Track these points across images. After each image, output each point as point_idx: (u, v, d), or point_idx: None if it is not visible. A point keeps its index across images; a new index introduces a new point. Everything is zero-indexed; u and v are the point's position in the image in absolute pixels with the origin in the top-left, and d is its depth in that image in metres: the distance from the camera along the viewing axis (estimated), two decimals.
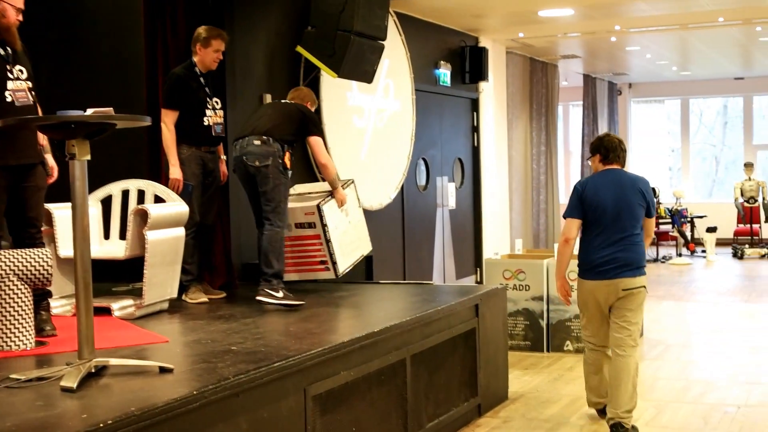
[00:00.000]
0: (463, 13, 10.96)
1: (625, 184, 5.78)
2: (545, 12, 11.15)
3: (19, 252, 4.74)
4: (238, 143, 6.30)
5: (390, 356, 5.06)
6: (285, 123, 6.33)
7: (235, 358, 4.31)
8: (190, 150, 6.36)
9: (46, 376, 3.93)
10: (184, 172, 6.28)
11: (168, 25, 6.90)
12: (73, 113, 3.94)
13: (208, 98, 6.43)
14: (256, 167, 6.20)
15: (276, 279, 6.16)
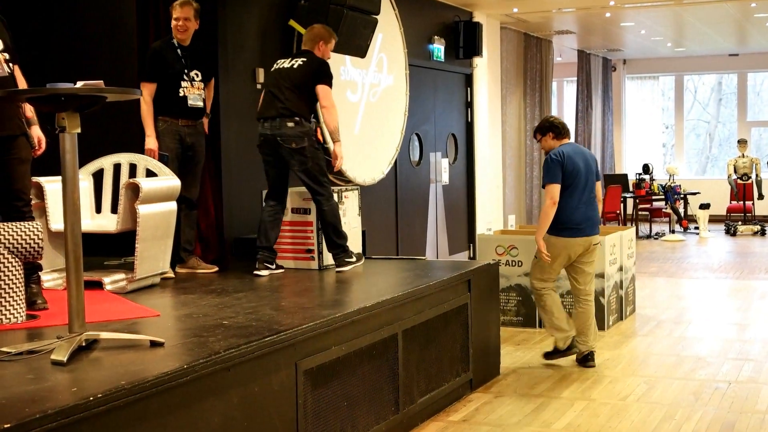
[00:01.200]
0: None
1: (586, 154, 6.82)
2: None
3: (9, 225, 4.72)
4: (267, 123, 6.33)
5: (382, 331, 5.05)
6: (306, 97, 6.39)
7: (226, 333, 4.31)
8: (167, 123, 6.40)
9: (36, 350, 3.93)
10: (160, 145, 6.33)
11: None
12: (63, 86, 3.90)
13: (185, 70, 6.42)
14: (293, 149, 6.30)
15: (347, 248, 6.49)
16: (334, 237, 6.44)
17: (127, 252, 6.48)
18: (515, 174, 14.45)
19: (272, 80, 6.48)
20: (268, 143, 6.37)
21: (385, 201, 10.11)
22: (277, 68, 6.52)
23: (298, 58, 6.51)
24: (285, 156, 6.35)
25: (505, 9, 12.60)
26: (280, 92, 6.36)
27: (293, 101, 6.34)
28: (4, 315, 4.65)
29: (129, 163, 6.23)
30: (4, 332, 4.50)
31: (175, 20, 6.37)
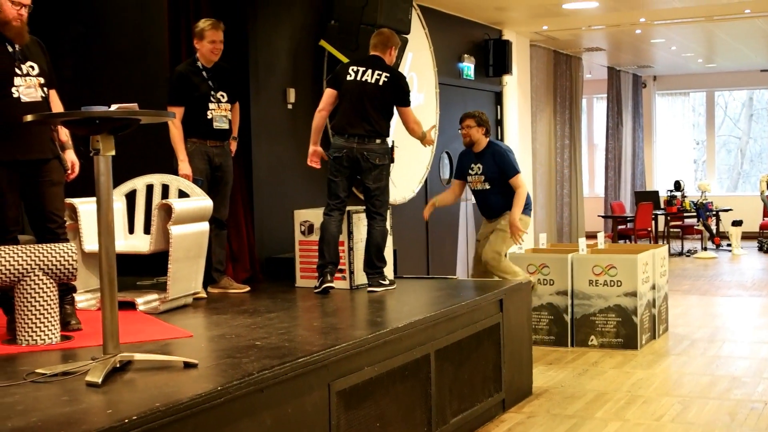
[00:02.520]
0: (486, 6, 10.92)
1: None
2: (570, 5, 11.10)
3: (44, 246, 4.75)
4: (354, 139, 6.37)
5: (414, 351, 5.04)
6: (390, 115, 6.53)
7: (259, 354, 4.31)
8: (195, 144, 6.43)
9: (71, 371, 3.94)
10: (192, 168, 6.36)
11: (192, 20, 6.90)
12: (98, 109, 3.93)
13: (212, 92, 6.45)
14: (376, 164, 6.40)
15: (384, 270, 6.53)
16: (375, 258, 6.46)
17: (159, 272, 6.51)
18: (546, 192, 14.40)
19: (356, 94, 6.43)
20: (350, 158, 6.40)
21: (415, 220, 10.08)
22: (358, 80, 6.45)
23: (377, 69, 6.47)
24: (364, 170, 6.41)
25: (535, 27, 12.60)
26: (367, 111, 6.40)
27: (380, 121, 6.44)
28: (39, 336, 4.67)
29: (161, 183, 6.26)
30: (39, 353, 4.53)
31: (210, 43, 6.39)
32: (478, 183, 7.57)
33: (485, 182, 7.51)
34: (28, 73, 4.93)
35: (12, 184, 4.92)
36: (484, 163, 7.52)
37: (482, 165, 7.52)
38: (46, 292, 4.70)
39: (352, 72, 6.50)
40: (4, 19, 4.89)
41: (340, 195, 6.50)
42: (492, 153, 7.50)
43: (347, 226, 6.60)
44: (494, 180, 7.47)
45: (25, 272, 4.65)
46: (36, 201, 5.03)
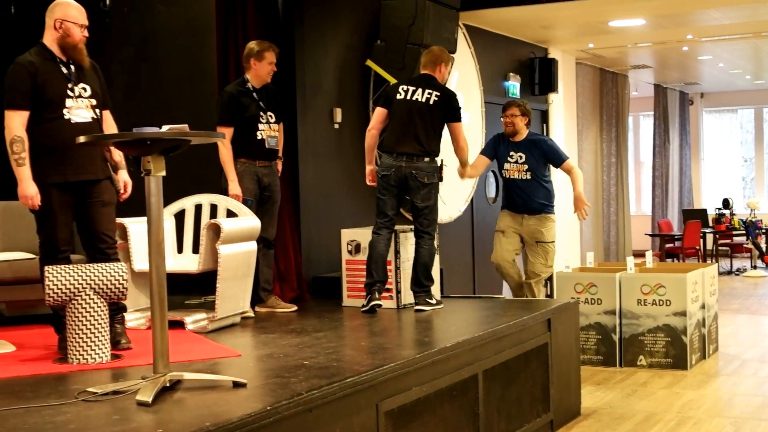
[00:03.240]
0: (532, 25, 10.91)
1: None
2: (616, 22, 11.05)
3: (95, 266, 4.81)
4: (403, 158, 6.40)
5: (462, 371, 5.02)
6: (440, 134, 6.56)
7: (307, 373, 4.32)
8: (245, 165, 6.46)
9: (122, 390, 3.97)
10: (242, 188, 6.39)
11: (240, 41, 6.97)
12: (149, 130, 3.98)
13: (261, 113, 6.49)
14: (424, 183, 6.42)
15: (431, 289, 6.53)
16: (423, 278, 6.46)
17: (207, 291, 6.56)
18: (592, 210, 14.30)
19: (405, 113, 6.47)
20: (398, 176, 6.43)
21: (461, 239, 10.09)
22: (408, 99, 6.49)
23: (427, 87, 6.50)
24: (412, 188, 6.43)
25: (581, 44, 12.56)
26: (417, 129, 6.42)
27: (430, 140, 6.47)
28: (89, 355, 4.72)
29: (210, 203, 6.31)
30: (90, 372, 4.57)
31: (269, 64, 6.44)
32: (517, 172, 7.54)
33: (527, 172, 7.51)
34: (80, 95, 5.02)
35: (64, 205, 4.99)
36: (526, 152, 7.51)
37: (525, 154, 7.51)
38: (97, 312, 4.75)
39: (402, 91, 6.53)
40: (72, 42, 5.00)
41: (388, 213, 6.51)
42: (536, 143, 7.56)
43: (394, 245, 6.60)
44: (537, 171, 7.51)
45: (76, 291, 4.71)
46: (87, 221, 5.10)
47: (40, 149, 4.91)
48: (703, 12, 10.62)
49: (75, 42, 5.02)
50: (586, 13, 10.44)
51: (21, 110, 4.88)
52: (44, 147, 4.92)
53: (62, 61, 5.02)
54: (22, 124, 4.88)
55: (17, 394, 4.08)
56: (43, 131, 4.92)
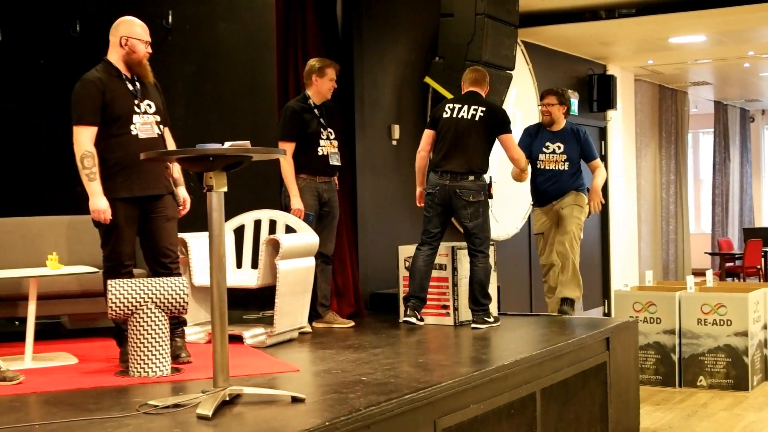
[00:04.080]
0: (591, 41, 10.86)
1: None
2: (676, 39, 10.96)
3: (157, 280, 4.87)
4: (447, 175, 6.43)
5: (520, 389, 4.99)
6: (487, 150, 6.55)
7: (365, 389, 4.32)
8: (306, 180, 6.48)
9: (182, 403, 4.01)
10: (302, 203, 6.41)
11: (299, 58, 7.03)
12: (211, 146, 4.02)
13: (322, 129, 6.51)
14: (469, 202, 6.41)
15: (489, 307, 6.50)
16: (479, 296, 6.44)
17: (265, 306, 6.61)
18: (651, 228, 14.16)
19: (451, 131, 6.49)
20: (444, 194, 6.45)
21: (519, 256, 10.04)
22: (453, 117, 6.51)
23: (473, 104, 6.52)
24: (458, 207, 6.43)
25: (640, 61, 12.47)
26: (462, 147, 6.44)
27: (475, 158, 6.45)
28: (150, 368, 4.78)
29: (269, 219, 6.36)
30: (151, 385, 4.62)
31: (330, 81, 6.48)
32: (554, 163, 7.30)
33: (566, 162, 7.28)
34: (145, 111, 5.10)
35: (129, 219, 5.06)
36: (565, 142, 7.28)
37: (563, 144, 7.28)
38: (158, 325, 4.80)
39: (448, 110, 6.56)
40: (137, 58, 5.09)
41: (431, 230, 6.52)
42: (576, 132, 7.33)
43: (451, 261, 6.59)
44: (574, 161, 7.30)
45: (138, 305, 4.77)
46: (151, 236, 5.17)
47: (108, 164, 4.99)
48: (765, 28, 10.50)
49: (139, 58, 5.11)
50: (645, 29, 10.37)
51: (90, 126, 4.97)
52: (112, 162, 5.00)
53: (128, 78, 5.11)
54: (92, 140, 4.97)
55: (80, 406, 4.14)
56: (111, 147, 5.00)
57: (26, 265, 6.19)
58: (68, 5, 8.53)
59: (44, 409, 4.20)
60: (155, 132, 5.11)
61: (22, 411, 4.13)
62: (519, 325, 6.66)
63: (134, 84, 5.11)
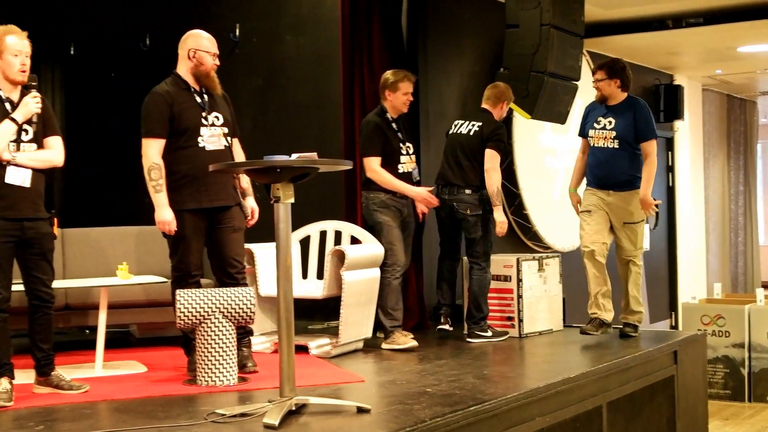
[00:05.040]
0: (657, 51, 10.75)
1: None
2: (745, 48, 10.80)
3: (224, 290, 4.93)
4: (446, 188, 6.48)
5: (586, 402, 4.96)
6: (481, 164, 6.44)
7: (430, 401, 4.33)
8: (387, 195, 6.25)
9: (249, 413, 4.06)
10: (384, 214, 6.21)
11: (365, 71, 7.06)
12: (279, 158, 4.07)
13: (401, 144, 6.37)
14: (467, 215, 6.40)
15: (483, 321, 6.43)
16: (473, 308, 6.44)
17: (329, 316, 6.65)
18: (719, 240, 13.95)
19: (450, 146, 6.60)
20: (445, 207, 6.49)
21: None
22: (454, 132, 6.62)
23: (474, 121, 6.57)
24: (459, 220, 6.45)
25: (708, 71, 12.31)
26: (458, 162, 6.48)
27: (470, 171, 6.45)
28: (217, 377, 4.83)
29: (334, 230, 6.40)
30: (218, 394, 4.68)
31: (404, 95, 6.33)
32: (603, 140, 6.40)
33: (615, 140, 6.35)
34: (213, 123, 5.17)
35: (197, 230, 5.14)
36: (617, 117, 6.39)
37: (615, 119, 6.38)
38: (226, 335, 4.86)
39: (453, 126, 6.67)
40: (204, 70, 5.17)
41: (444, 244, 6.66)
42: (631, 107, 6.39)
43: (516, 273, 6.57)
44: (625, 140, 6.33)
45: (206, 315, 4.84)
46: (218, 246, 5.23)
47: (176, 176, 5.07)
48: None
49: (207, 70, 5.18)
50: (714, 38, 10.23)
51: (158, 138, 5.06)
52: (180, 174, 5.08)
53: (196, 91, 5.18)
54: (159, 152, 5.05)
55: (149, 414, 4.21)
56: (179, 159, 5.08)
57: (97, 275, 6.32)
58: (138, 20, 8.69)
59: (114, 416, 4.27)
60: (222, 144, 5.18)
61: (92, 418, 4.21)
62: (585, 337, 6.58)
63: (202, 96, 5.19)
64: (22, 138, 4.60)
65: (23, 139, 4.60)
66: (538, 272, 6.76)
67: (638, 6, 9.25)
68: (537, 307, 6.71)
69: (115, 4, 8.76)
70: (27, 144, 4.61)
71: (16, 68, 4.59)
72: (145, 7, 8.66)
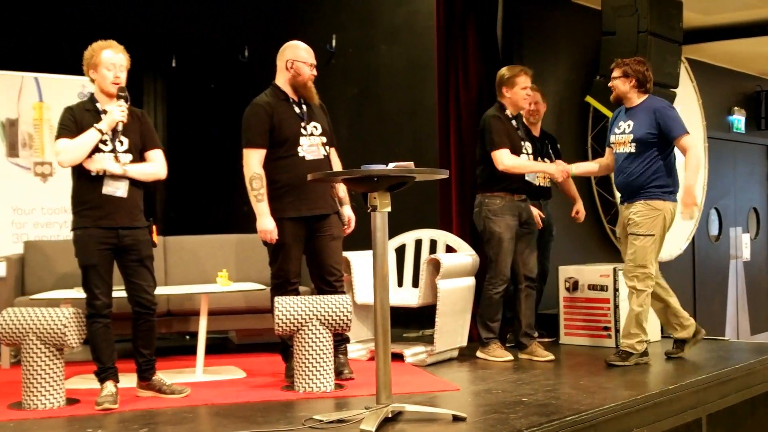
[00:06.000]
0: (759, 57, 10.54)
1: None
2: None
3: (321, 298, 4.99)
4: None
5: (685, 415, 4.88)
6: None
7: (526, 410, 4.32)
8: (504, 199, 6.03)
9: (346, 419, 4.10)
10: (497, 224, 6.01)
11: (460, 79, 7.07)
12: (376, 167, 4.10)
13: (522, 142, 6.13)
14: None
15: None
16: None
17: (424, 325, 6.67)
18: None
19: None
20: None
21: (682, 278, 9.79)
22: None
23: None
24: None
25: None
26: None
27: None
28: (315, 384, 4.89)
29: (430, 239, 6.42)
30: (315, 401, 4.74)
31: (522, 89, 6.08)
32: (622, 145, 5.90)
33: (632, 143, 5.82)
34: (311, 133, 5.25)
35: (297, 238, 5.22)
36: (636, 120, 5.87)
37: (633, 122, 5.87)
38: (323, 342, 4.92)
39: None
40: (302, 81, 5.26)
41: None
42: (650, 108, 5.84)
43: (612, 282, 6.49)
44: (643, 142, 5.77)
45: (303, 322, 4.90)
46: (317, 254, 5.30)
47: (277, 185, 5.17)
48: None
49: (305, 80, 5.27)
50: None
51: (259, 149, 5.16)
52: (280, 183, 5.16)
53: (295, 101, 5.27)
54: (260, 162, 5.15)
55: (248, 419, 4.29)
56: (279, 168, 5.17)
57: (197, 282, 6.45)
58: (237, 32, 8.86)
59: (215, 420, 4.36)
60: (321, 153, 5.26)
61: (193, 422, 4.31)
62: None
63: (301, 107, 5.27)
64: (117, 148, 4.75)
65: (118, 150, 4.75)
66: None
67: (738, 11, 9.08)
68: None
69: (215, 18, 8.95)
70: (122, 154, 4.76)
71: (109, 80, 4.76)
72: (244, 19, 8.83)
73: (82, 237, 4.69)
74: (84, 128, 4.69)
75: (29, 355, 4.65)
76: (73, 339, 4.66)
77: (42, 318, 4.66)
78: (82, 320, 4.72)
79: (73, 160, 4.67)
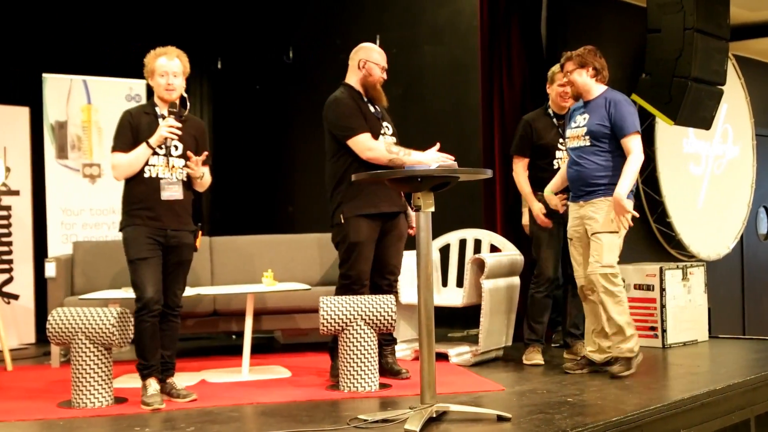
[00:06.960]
0: None
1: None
2: None
3: (366, 298, 5.01)
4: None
5: (733, 416, 4.84)
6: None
7: (571, 411, 4.30)
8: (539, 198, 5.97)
9: (391, 419, 4.12)
10: (532, 224, 6.05)
11: (504, 79, 7.06)
12: (420, 167, 4.11)
13: (561, 139, 6.02)
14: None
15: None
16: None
17: (469, 324, 6.67)
18: None
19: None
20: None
21: (730, 277, 9.69)
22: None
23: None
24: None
25: None
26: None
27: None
28: (359, 383, 4.91)
29: (474, 238, 6.42)
30: (360, 400, 4.76)
31: (560, 86, 6.05)
32: (576, 139, 5.52)
33: (585, 136, 5.45)
34: (385, 133, 5.29)
35: (371, 238, 5.21)
36: (592, 112, 5.49)
37: (589, 115, 5.50)
38: (367, 342, 4.94)
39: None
40: (373, 82, 5.31)
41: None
42: (606, 100, 5.48)
43: (659, 282, 6.44)
44: (598, 135, 5.40)
45: (348, 322, 4.93)
46: (383, 252, 5.31)
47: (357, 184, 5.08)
48: None
49: (375, 81, 5.32)
50: None
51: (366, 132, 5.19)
52: None
53: (369, 101, 5.31)
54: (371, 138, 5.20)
55: (294, 417, 4.32)
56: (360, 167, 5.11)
57: (243, 282, 6.50)
58: (281, 33, 8.91)
59: (260, 419, 4.40)
60: None
61: (240, 421, 4.35)
62: (731, 349, 6.44)
63: (374, 107, 5.31)
64: (172, 153, 4.81)
65: (173, 154, 4.81)
66: (682, 281, 6.61)
67: None
68: (681, 317, 6.57)
69: (260, 19, 9.00)
70: (176, 159, 4.82)
71: (163, 87, 4.82)
72: (288, 21, 8.87)
73: (133, 233, 4.75)
74: (141, 132, 4.79)
75: (78, 354, 4.72)
76: (121, 338, 4.72)
77: (91, 318, 4.72)
78: (130, 320, 4.78)
79: (126, 174, 4.78)
